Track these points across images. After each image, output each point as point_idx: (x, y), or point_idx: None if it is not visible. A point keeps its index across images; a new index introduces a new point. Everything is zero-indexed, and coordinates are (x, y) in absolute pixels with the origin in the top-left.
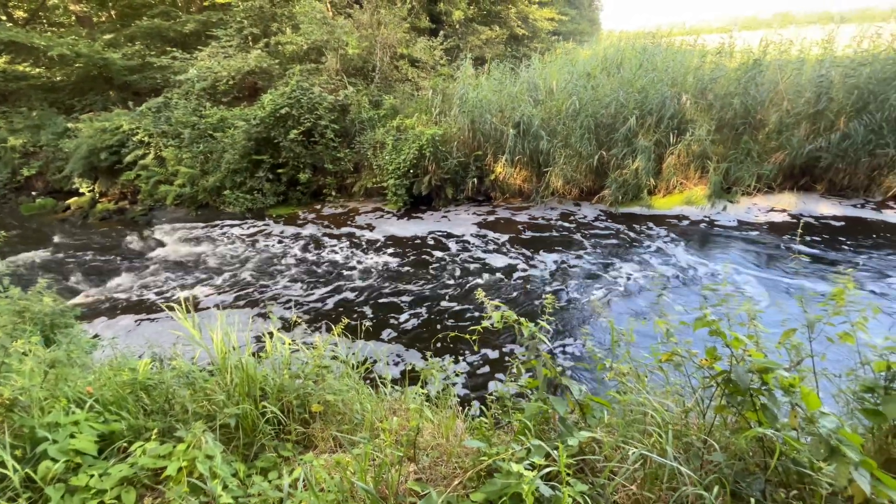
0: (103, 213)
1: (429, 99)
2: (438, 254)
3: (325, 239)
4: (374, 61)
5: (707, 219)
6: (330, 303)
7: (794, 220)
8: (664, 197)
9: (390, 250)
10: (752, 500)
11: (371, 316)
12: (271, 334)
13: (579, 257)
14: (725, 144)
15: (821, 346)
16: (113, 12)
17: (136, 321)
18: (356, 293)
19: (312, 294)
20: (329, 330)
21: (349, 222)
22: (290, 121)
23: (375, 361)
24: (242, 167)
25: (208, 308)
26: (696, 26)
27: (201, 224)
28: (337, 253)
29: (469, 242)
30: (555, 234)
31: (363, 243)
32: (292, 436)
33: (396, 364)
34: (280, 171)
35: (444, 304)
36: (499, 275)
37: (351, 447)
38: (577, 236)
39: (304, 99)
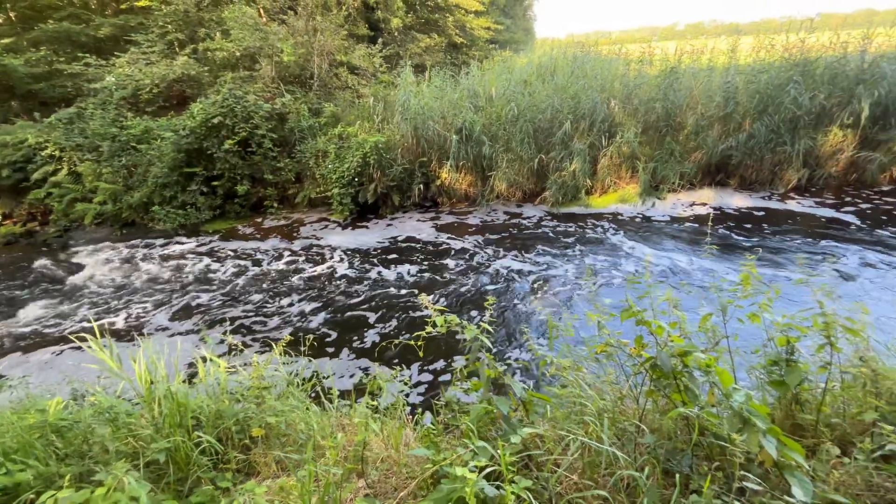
0: (8, 237)
1: (370, 106)
2: (385, 261)
3: (268, 252)
4: (311, 69)
5: (640, 215)
6: (273, 319)
7: (714, 212)
8: (600, 196)
9: (336, 260)
10: (678, 475)
11: (317, 329)
12: (205, 359)
13: (523, 258)
14: (651, 146)
15: (735, 327)
16: (12, 14)
17: (53, 354)
18: (301, 307)
19: (254, 311)
20: (272, 347)
21: (293, 234)
22: (223, 130)
23: (327, 377)
24: (172, 181)
25: (136, 335)
26: (620, 36)
27: (127, 244)
28: (280, 266)
29: (415, 248)
30: (499, 235)
31: (308, 255)
32: (232, 464)
33: (344, 377)
34: (215, 183)
35: (391, 312)
36: (445, 279)
37: (295, 470)
38: (520, 237)
39: (238, 107)
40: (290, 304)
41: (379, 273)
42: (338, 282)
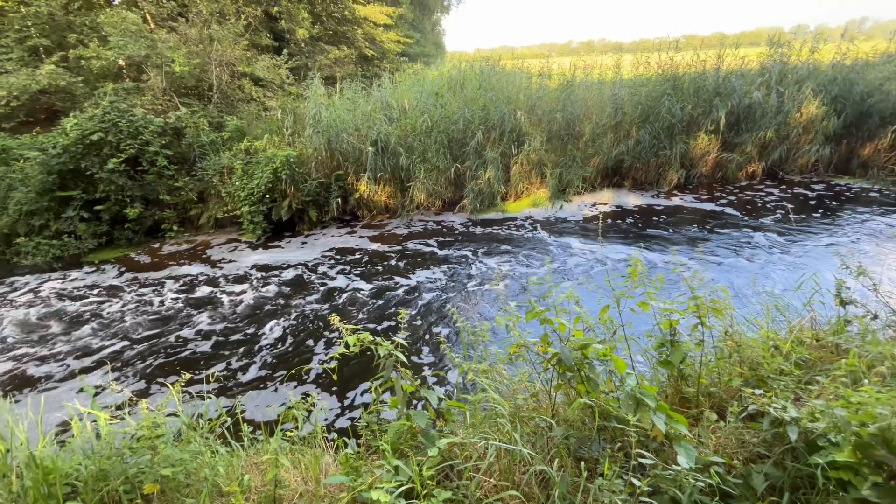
0: None
1: (279, 119)
2: (300, 281)
3: (166, 281)
4: (210, 80)
5: (551, 217)
6: (173, 356)
7: (615, 209)
8: (515, 202)
9: (246, 284)
10: (590, 461)
11: (225, 362)
12: (82, 412)
13: (442, 267)
14: (556, 153)
15: (630, 316)
16: None
17: None
18: (205, 338)
19: (148, 349)
20: (169, 387)
21: (197, 258)
22: (106, 148)
23: (234, 415)
24: (42, 207)
25: None
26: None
27: None
28: (180, 295)
29: (333, 265)
30: (420, 246)
31: (214, 280)
32: None
33: (258, 410)
34: (99, 207)
35: (307, 334)
36: (364, 294)
37: None
38: (441, 246)
39: (122, 122)
40: (192, 337)
41: (292, 294)
42: (247, 307)
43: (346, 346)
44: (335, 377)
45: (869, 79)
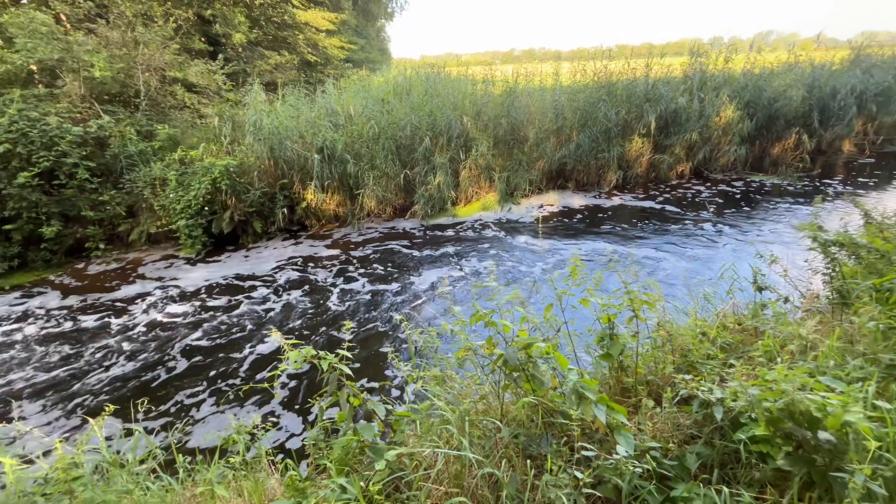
0: None
1: (216, 127)
2: (241, 296)
3: (92, 304)
4: (136, 86)
5: (500, 220)
6: (98, 387)
7: (560, 211)
8: (465, 206)
9: (183, 302)
10: (539, 458)
11: (163, 388)
12: None
13: (392, 273)
14: (503, 157)
15: (573, 313)
16: None
17: None
18: (136, 364)
19: (69, 382)
20: (91, 422)
21: (128, 277)
22: (14, 161)
23: (167, 447)
24: None
25: None
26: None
27: None
28: (110, 318)
29: (277, 278)
30: (369, 253)
31: (147, 299)
32: None
33: (198, 437)
34: (8, 227)
35: (249, 352)
36: (308, 307)
37: None
38: (391, 253)
39: (33, 132)
40: (121, 363)
41: (232, 310)
42: (184, 326)
43: (289, 362)
44: (276, 395)
45: (774, 86)
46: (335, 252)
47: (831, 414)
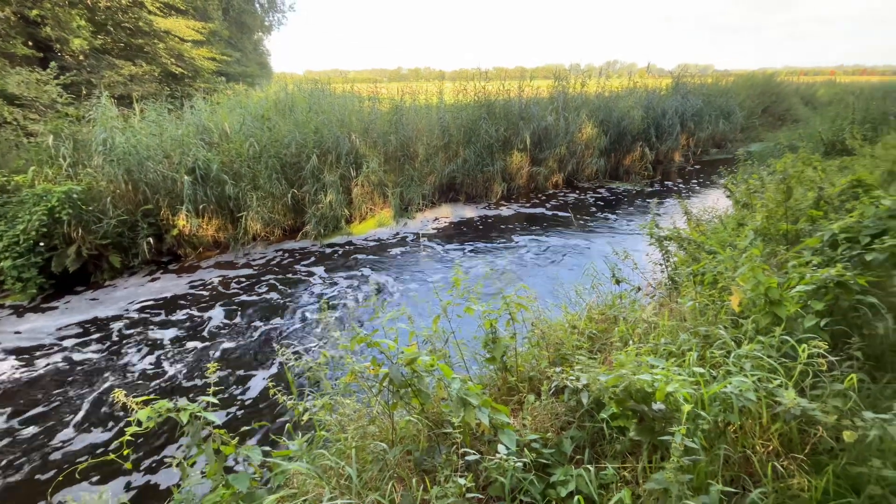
0: None
1: (50, 147)
2: (87, 347)
3: None
4: None
5: (396, 235)
6: None
7: (454, 223)
8: (360, 223)
9: (8, 363)
10: (426, 472)
11: None
12: None
13: (278, 300)
14: (395, 173)
15: (459, 322)
16: None
17: None
18: None
19: None
20: None
21: None
22: None
23: None
24: None
25: None
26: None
27: None
28: None
29: (135, 319)
30: (252, 281)
31: None
32: None
33: None
34: None
35: (94, 417)
36: (170, 348)
37: None
38: (277, 279)
39: None
40: None
41: (73, 368)
42: (7, 393)
43: (139, 423)
44: (129, 465)
45: (621, 107)
46: (212, 281)
47: (657, 388)
